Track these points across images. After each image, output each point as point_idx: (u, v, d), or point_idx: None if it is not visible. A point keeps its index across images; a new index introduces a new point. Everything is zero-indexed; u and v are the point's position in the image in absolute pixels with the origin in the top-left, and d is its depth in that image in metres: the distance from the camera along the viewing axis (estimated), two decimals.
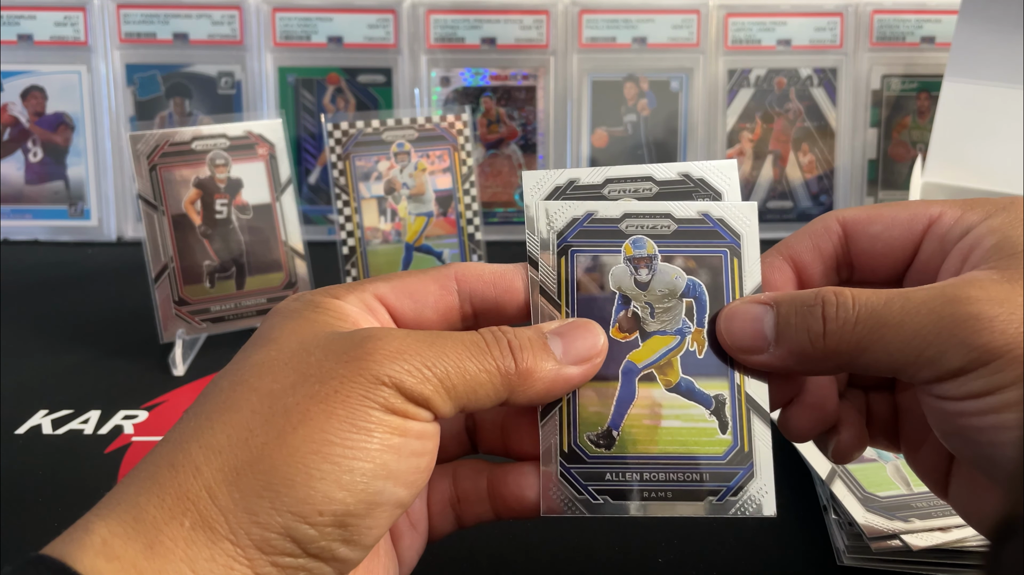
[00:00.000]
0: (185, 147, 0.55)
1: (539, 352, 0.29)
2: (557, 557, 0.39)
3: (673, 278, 0.31)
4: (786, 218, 0.76)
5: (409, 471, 0.28)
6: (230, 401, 0.28)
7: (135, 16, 0.73)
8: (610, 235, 0.32)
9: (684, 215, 0.32)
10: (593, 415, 0.31)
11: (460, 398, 0.29)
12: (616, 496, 0.30)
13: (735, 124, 0.76)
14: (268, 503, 0.26)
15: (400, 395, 0.27)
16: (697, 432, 0.30)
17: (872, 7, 0.75)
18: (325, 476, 0.26)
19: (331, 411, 0.27)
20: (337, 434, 0.26)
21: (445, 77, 0.75)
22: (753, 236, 0.32)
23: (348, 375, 0.27)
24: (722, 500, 0.30)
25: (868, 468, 0.42)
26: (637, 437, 0.30)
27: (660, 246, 0.32)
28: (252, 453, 0.26)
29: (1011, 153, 0.65)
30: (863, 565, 0.38)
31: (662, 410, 0.30)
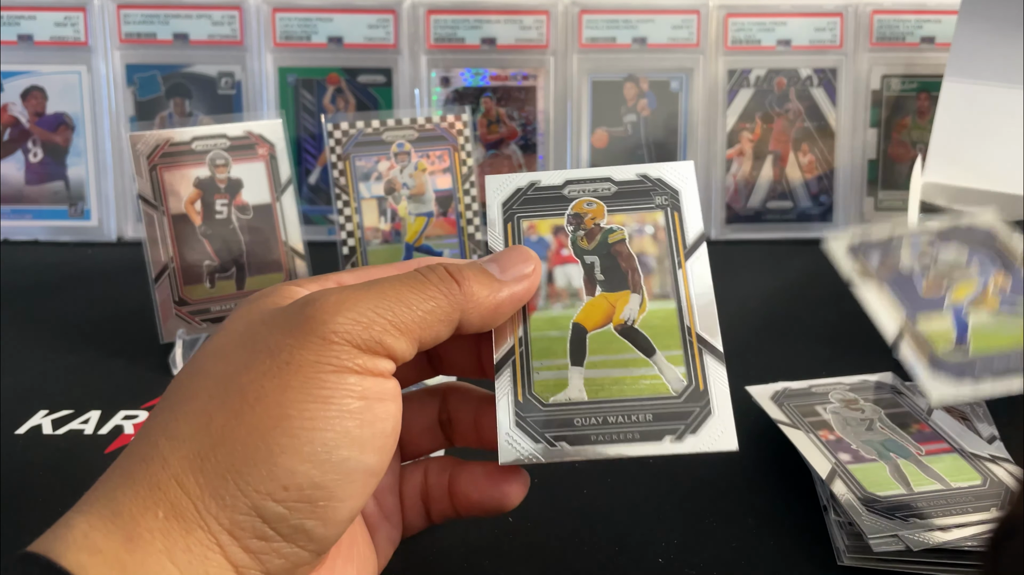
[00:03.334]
0: (185, 147, 0.55)
1: (478, 273, 0.30)
2: (557, 557, 0.39)
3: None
4: (786, 218, 0.76)
5: (374, 437, 0.27)
6: (189, 391, 0.28)
7: (135, 16, 0.73)
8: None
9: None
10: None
11: (414, 333, 0.28)
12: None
13: (735, 124, 0.76)
14: (233, 485, 0.25)
15: (353, 348, 0.27)
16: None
17: (872, 7, 0.75)
18: (286, 450, 0.26)
19: (285, 384, 0.26)
20: (294, 406, 0.26)
21: (445, 77, 0.75)
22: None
23: (296, 343, 0.27)
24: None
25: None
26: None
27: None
28: (213, 437, 0.26)
29: (1011, 153, 0.65)
30: (863, 565, 0.38)
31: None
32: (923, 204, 0.66)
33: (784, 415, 0.46)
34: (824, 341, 0.59)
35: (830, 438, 0.44)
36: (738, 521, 0.42)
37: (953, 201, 0.66)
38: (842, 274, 0.41)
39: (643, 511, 0.42)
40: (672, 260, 0.33)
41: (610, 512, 0.42)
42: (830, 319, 0.62)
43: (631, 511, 0.42)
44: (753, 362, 0.56)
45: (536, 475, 0.45)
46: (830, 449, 0.43)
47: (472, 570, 0.39)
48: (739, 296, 0.65)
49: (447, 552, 0.40)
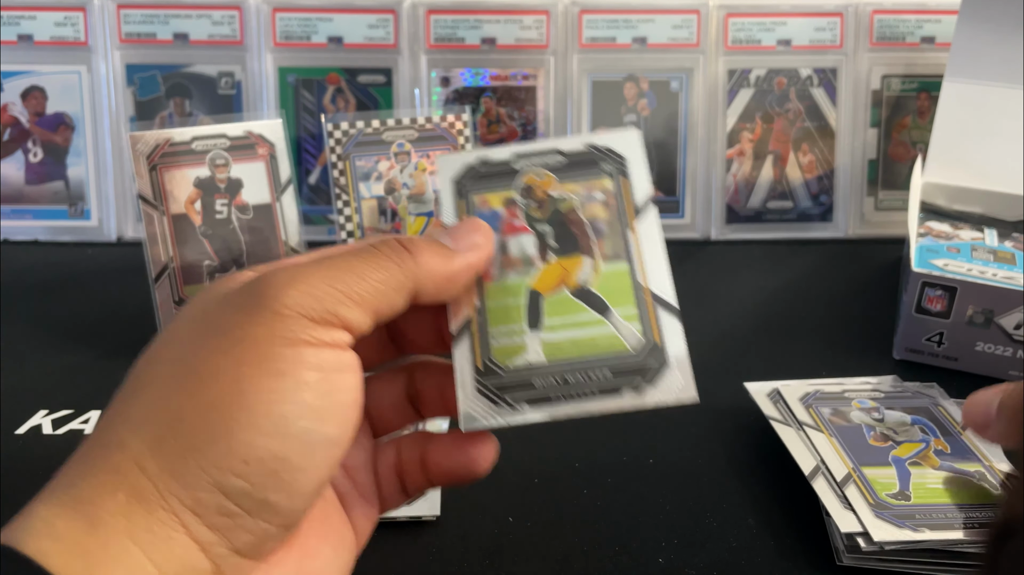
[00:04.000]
0: (185, 147, 0.55)
1: (430, 244, 0.30)
2: (557, 557, 0.39)
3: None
4: (786, 218, 0.76)
5: (334, 408, 0.27)
6: (146, 378, 0.28)
7: (135, 16, 0.73)
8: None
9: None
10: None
11: (369, 303, 0.28)
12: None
13: (735, 124, 0.76)
14: (194, 463, 0.25)
15: (306, 321, 0.27)
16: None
17: (872, 7, 0.75)
18: (244, 425, 0.26)
19: (240, 359, 0.26)
20: (250, 382, 0.26)
21: (445, 77, 0.75)
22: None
23: (248, 320, 0.27)
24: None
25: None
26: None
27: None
28: (171, 418, 0.26)
29: (1011, 153, 0.65)
30: (862, 565, 0.38)
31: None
32: (923, 204, 0.66)
33: (777, 412, 0.46)
34: (824, 340, 0.59)
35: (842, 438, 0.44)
36: (738, 521, 0.42)
37: (953, 201, 0.66)
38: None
39: (643, 511, 0.42)
40: (622, 223, 0.33)
41: (610, 512, 0.42)
42: (830, 319, 0.62)
43: (631, 511, 0.42)
44: (753, 361, 0.56)
45: (537, 476, 0.45)
46: (845, 447, 0.43)
47: (472, 570, 0.39)
48: (739, 296, 0.65)
49: (447, 552, 0.40)
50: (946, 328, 0.53)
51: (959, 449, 0.43)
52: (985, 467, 0.42)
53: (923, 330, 0.54)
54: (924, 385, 0.50)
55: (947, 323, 0.53)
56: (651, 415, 0.50)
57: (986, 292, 0.52)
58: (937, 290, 0.53)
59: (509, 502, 0.43)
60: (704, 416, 0.50)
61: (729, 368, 0.55)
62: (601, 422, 0.49)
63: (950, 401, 0.48)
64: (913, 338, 0.54)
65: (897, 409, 0.46)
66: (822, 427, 0.44)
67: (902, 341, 0.55)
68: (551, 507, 0.42)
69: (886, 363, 0.56)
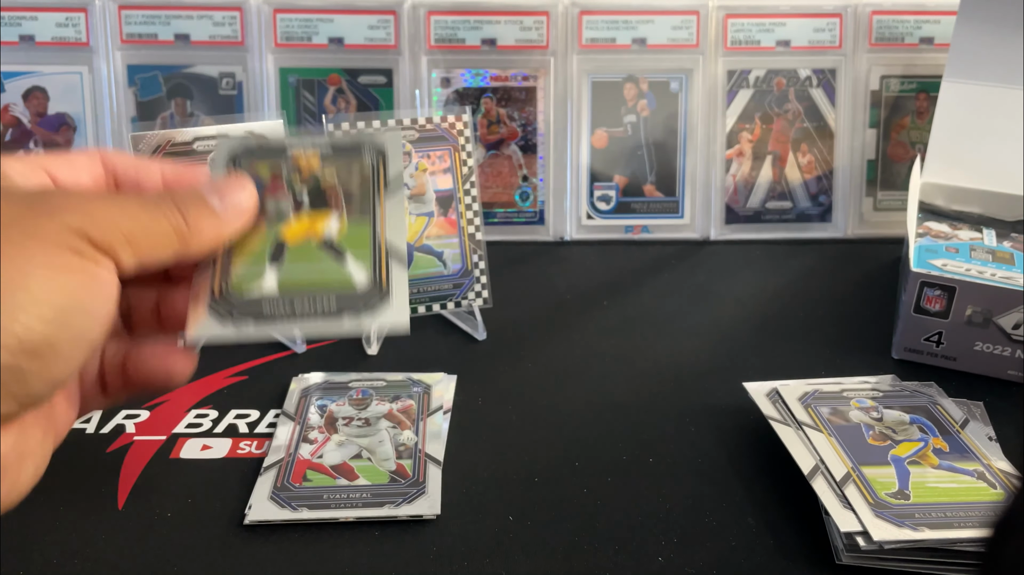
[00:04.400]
0: (187, 147, 0.55)
1: (202, 209, 0.33)
2: (557, 557, 0.40)
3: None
4: (785, 218, 0.76)
5: (100, 310, 0.30)
6: None
7: (136, 17, 0.74)
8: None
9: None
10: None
11: (142, 252, 0.32)
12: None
13: (734, 125, 0.76)
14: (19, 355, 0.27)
15: (88, 243, 0.30)
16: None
17: (871, 8, 0.75)
18: (26, 308, 0.28)
19: (28, 254, 0.29)
20: (34, 271, 0.29)
21: (446, 78, 0.75)
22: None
23: (38, 224, 0.29)
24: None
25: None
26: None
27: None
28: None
29: (1010, 154, 0.65)
30: (861, 564, 0.38)
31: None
32: (922, 204, 0.66)
33: (776, 412, 0.46)
34: (822, 340, 0.59)
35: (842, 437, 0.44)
36: (737, 520, 0.42)
37: (952, 202, 0.66)
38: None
39: (643, 510, 0.43)
40: (373, 194, 0.38)
41: (610, 511, 0.42)
42: (828, 319, 0.62)
43: (631, 510, 0.42)
44: (752, 361, 0.56)
45: (538, 475, 0.45)
46: (844, 447, 0.43)
47: (472, 570, 0.39)
48: (738, 296, 0.65)
49: (447, 552, 0.40)
50: (945, 328, 0.53)
51: (957, 448, 0.43)
52: (984, 466, 0.42)
53: (922, 330, 0.54)
54: (922, 384, 0.50)
55: (946, 323, 0.53)
56: (651, 415, 0.50)
57: (985, 292, 0.52)
58: (936, 290, 0.53)
59: (510, 501, 0.43)
60: (704, 416, 0.50)
61: (728, 368, 0.55)
62: (601, 422, 0.50)
63: (948, 400, 0.48)
64: (912, 338, 0.55)
65: (896, 408, 0.47)
66: (821, 427, 0.45)
67: (901, 341, 0.55)
68: (551, 506, 0.43)
69: (885, 363, 0.56)
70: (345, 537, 0.40)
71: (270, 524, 0.41)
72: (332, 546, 0.40)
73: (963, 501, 0.39)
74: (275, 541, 0.40)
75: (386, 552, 0.40)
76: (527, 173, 0.76)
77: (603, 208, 0.76)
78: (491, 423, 0.49)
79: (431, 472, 0.44)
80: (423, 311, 0.58)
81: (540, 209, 0.76)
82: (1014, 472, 0.42)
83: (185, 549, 0.40)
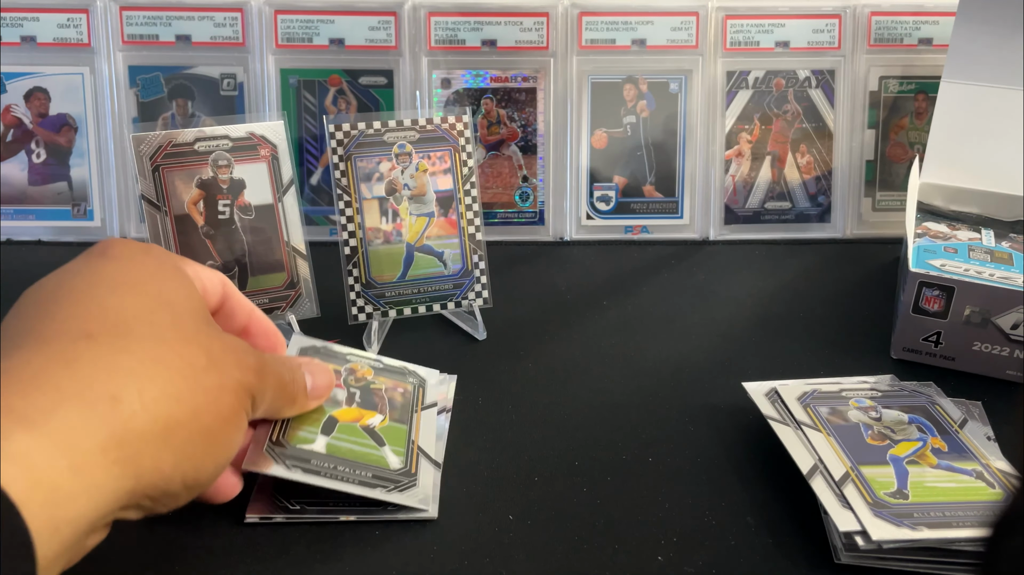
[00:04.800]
0: (188, 148, 0.55)
1: (302, 390, 0.42)
2: (557, 557, 0.40)
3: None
4: (784, 219, 0.76)
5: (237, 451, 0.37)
6: (158, 354, 0.33)
7: (138, 18, 0.74)
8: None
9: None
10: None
11: (268, 411, 0.40)
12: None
13: (733, 125, 0.76)
14: (175, 460, 0.32)
15: (250, 401, 0.36)
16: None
17: (870, 9, 0.76)
18: (215, 457, 0.34)
19: (218, 407, 0.34)
20: (224, 427, 0.35)
21: (446, 79, 0.75)
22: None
23: (228, 376, 0.35)
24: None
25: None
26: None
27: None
28: (181, 417, 0.32)
29: (1009, 154, 0.66)
30: (860, 563, 0.38)
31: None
32: (920, 204, 0.66)
33: (776, 411, 0.47)
34: (821, 340, 0.59)
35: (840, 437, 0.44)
36: (737, 520, 0.42)
37: (951, 202, 0.66)
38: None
39: (642, 509, 0.43)
40: (411, 408, 0.48)
41: (609, 510, 0.43)
42: (827, 319, 0.62)
43: (630, 509, 0.43)
44: (751, 361, 0.56)
45: (538, 475, 0.45)
46: (844, 448, 0.43)
47: (472, 570, 0.39)
48: (737, 296, 0.65)
49: (448, 551, 0.40)
50: (943, 328, 0.53)
51: (956, 447, 0.44)
52: (982, 465, 0.42)
53: (920, 330, 0.54)
54: (921, 384, 0.50)
55: (944, 323, 0.53)
56: (651, 415, 0.50)
57: (983, 292, 0.52)
58: (935, 290, 0.53)
59: (509, 501, 0.43)
60: (703, 415, 0.50)
61: (727, 368, 0.55)
62: (601, 422, 0.50)
63: (947, 400, 0.48)
64: (910, 338, 0.55)
65: (894, 408, 0.47)
66: (820, 426, 0.45)
67: (899, 341, 0.55)
68: (551, 506, 0.43)
69: (884, 363, 0.56)
70: (346, 537, 0.41)
71: (270, 523, 0.41)
72: (333, 546, 0.40)
73: (962, 500, 0.40)
74: (275, 540, 0.40)
75: (386, 552, 0.40)
76: (527, 174, 0.76)
77: (603, 208, 0.76)
78: (491, 423, 0.50)
79: (423, 466, 0.44)
80: (423, 311, 0.59)
81: (540, 209, 0.76)
82: (1013, 472, 0.42)
83: (185, 548, 0.40)
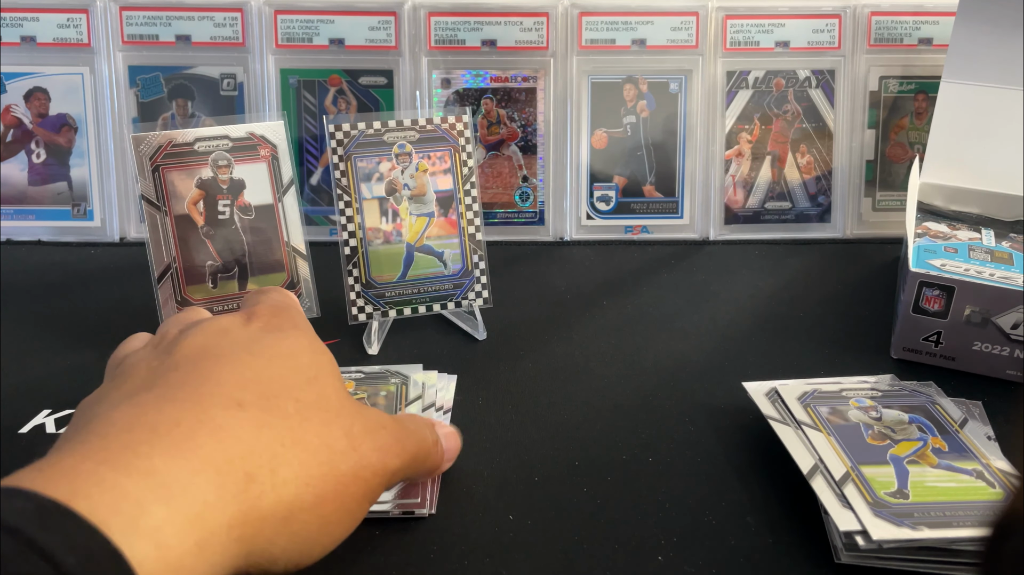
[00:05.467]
0: (188, 148, 0.55)
1: (441, 457, 0.42)
2: (557, 556, 0.40)
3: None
4: (784, 219, 0.76)
5: None
6: (298, 436, 0.32)
7: (137, 18, 0.74)
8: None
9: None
10: None
11: (406, 479, 0.41)
12: None
13: (734, 125, 0.76)
14: (286, 544, 0.32)
15: (387, 482, 0.36)
16: None
17: (870, 9, 0.76)
18: (317, 548, 0.33)
19: (360, 492, 0.34)
20: (357, 514, 0.34)
21: (446, 79, 0.75)
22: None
23: (367, 462, 0.35)
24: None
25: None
26: None
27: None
28: (307, 501, 0.32)
29: (1009, 154, 0.66)
30: (860, 563, 0.38)
31: None
32: (921, 204, 0.66)
33: (776, 411, 0.47)
34: (821, 340, 0.59)
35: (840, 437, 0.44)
36: (737, 520, 0.42)
37: (951, 202, 0.66)
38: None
39: (642, 509, 0.43)
40: (396, 406, 0.49)
41: (609, 510, 0.43)
42: (827, 319, 0.62)
43: (630, 509, 0.43)
44: (751, 361, 0.56)
45: (538, 475, 0.45)
46: (844, 448, 0.43)
47: (472, 569, 0.39)
48: (737, 296, 0.65)
49: (447, 551, 0.40)
50: (944, 328, 0.53)
51: (956, 447, 0.44)
52: (983, 465, 0.42)
53: (921, 330, 0.54)
54: (921, 384, 0.50)
55: (945, 323, 0.53)
56: (651, 415, 0.50)
57: (984, 292, 0.52)
58: (935, 290, 0.53)
59: (509, 500, 0.43)
60: (703, 415, 0.50)
61: (727, 368, 0.55)
62: (601, 422, 0.50)
63: (947, 400, 0.48)
64: (911, 338, 0.55)
65: (895, 408, 0.47)
66: (820, 426, 0.45)
67: (900, 341, 0.55)
68: (551, 505, 0.43)
69: (883, 362, 0.56)
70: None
71: None
72: None
73: (962, 500, 0.40)
74: None
75: (386, 551, 0.40)
76: (527, 174, 0.76)
77: (603, 208, 0.76)
78: (491, 423, 0.50)
79: None
80: (423, 311, 0.59)
81: (540, 209, 0.76)
82: (1013, 471, 0.42)
83: None
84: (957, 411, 0.47)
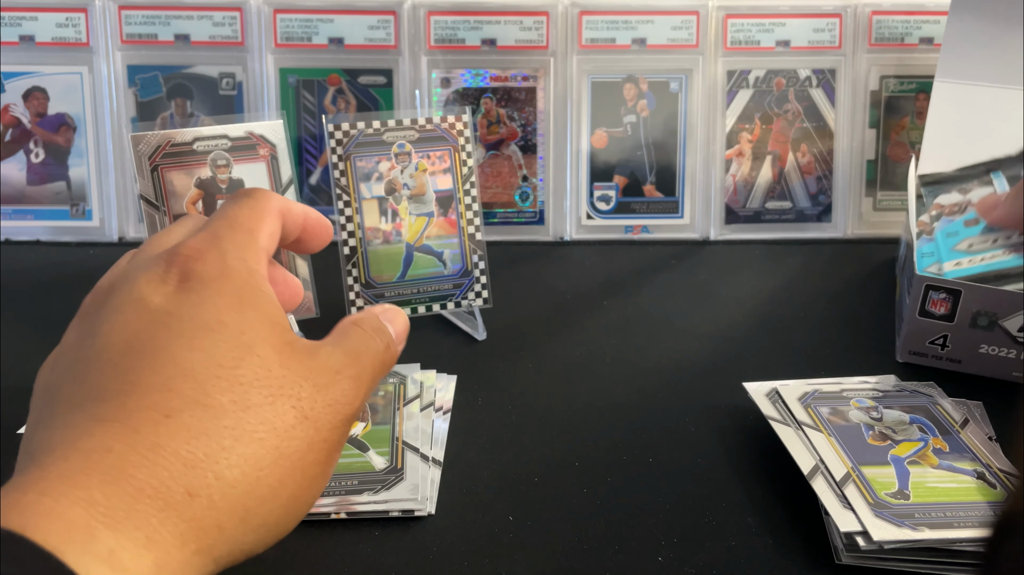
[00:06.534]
0: (187, 148, 0.55)
1: (394, 353, 0.38)
2: (556, 557, 0.40)
3: None
4: (785, 218, 0.76)
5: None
6: (239, 429, 0.30)
7: (136, 17, 0.74)
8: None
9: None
10: None
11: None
12: None
13: (734, 125, 0.76)
14: (255, 537, 0.30)
15: (349, 424, 0.33)
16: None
17: (871, 8, 0.75)
18: (291, 520, 0.31)
19: (320, 458, 0.32)
20: (321, 479, 0.32)
21: (445, 78, 0.75)
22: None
23: (322, 426, 0.32)
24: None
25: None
26: None
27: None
28: (261, 494, 0.30)
29: (1003, 153, 0.65)
30: (861, 564, 0.38)
31: None
32: (925, 178, 0.66)
33: (776, 412, 0.46)
34: (822, 340, 0.59)
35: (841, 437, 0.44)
36: (737, 520, 0.42)
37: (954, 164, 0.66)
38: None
39: (642, 510, 0.43)
40: (394, 406, 0.49)
41: (609, 510, 0.42)
42: (828, 319, 0.62)
43: (630, 510, 0.43)
44: (751, 361, 0.56)
45: (538, 475, 0.45)
46: (844, 448, 0.43)
47: (472, 569, 0.39)
48: (738, 296, 0.65)
49: (447, 551, 0.40)
50: (949, 331, 0.53)
51: (957, 448, 0.44)
52: (983, 466, 0.42)
53: (927, 333, 0.54)
54: (922, 384, 0.50)
55: (951, 326, 0.53)
56: (651, 415, 0.50)
57: (990, 295, 0.52)
58: (941, 293, 0.53)
59: (509, 500, 0.43)
60: (703, 416, 0.50)
61: (728, 368, 0.55)
62: (601, 422, 0.50)
63: (948, 400, 0.48)
64: (917, 341, 0.54)
65: (895, 408, 0.47)
66: (821, 427, 0.45)
67: (905, 344, 0.55)
68: (551, 505, 0.43)
69: (884, 362, 0.56)
70: (345, 536, 0.40)
71: None
72: (333, 545, 0.40)
73: (963, 501, 0.40)
74: None
75: (386, 551, 0.40)
76: (527, 173, 0.76)
77: (603, 208, 0.76)
78: (491, 423, 0.49)
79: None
80: (423, 311, 0.58)
81: (540, 209, 0.76)
82: (1014, 472, 0.42)
83: None
84: (958, 412, 0.47)
